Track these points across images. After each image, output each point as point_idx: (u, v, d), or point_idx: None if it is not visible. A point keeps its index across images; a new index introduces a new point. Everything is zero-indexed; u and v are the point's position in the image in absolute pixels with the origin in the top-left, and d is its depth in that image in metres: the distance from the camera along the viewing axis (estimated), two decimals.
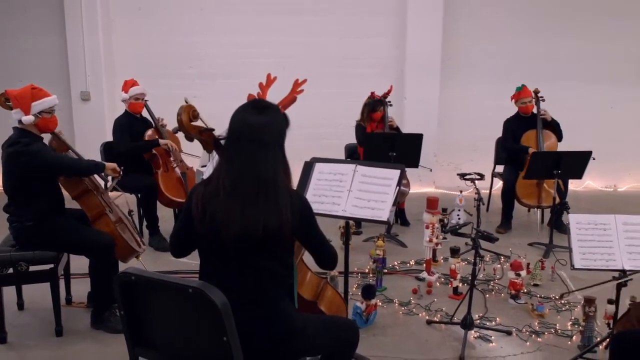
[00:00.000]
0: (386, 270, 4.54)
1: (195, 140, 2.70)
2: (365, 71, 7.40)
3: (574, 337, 3.59)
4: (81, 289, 3.99)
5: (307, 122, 7.20)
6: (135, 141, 5.12)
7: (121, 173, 3.83)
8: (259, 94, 2.88)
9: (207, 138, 2.57)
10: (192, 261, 2.25)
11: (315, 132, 7.28)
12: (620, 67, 7.74)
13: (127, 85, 5.20)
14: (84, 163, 3.63)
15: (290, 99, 3.02)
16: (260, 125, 2.13)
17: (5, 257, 3.38)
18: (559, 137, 5.77)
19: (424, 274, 4.45)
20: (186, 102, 2.85)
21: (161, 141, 5.10)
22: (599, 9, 7.62)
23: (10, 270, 3.38)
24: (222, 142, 2.44)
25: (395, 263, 4.83)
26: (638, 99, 7.77)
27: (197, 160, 5.06)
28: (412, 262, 4.89)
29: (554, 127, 5.75)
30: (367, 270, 4.59)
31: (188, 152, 5.24)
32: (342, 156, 6.18)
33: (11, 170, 3.40)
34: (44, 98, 3.44)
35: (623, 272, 3.07)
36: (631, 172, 8.00)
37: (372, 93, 5.94)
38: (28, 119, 3.38)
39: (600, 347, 3.33)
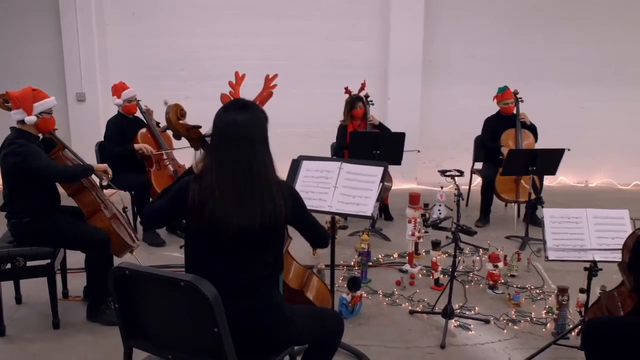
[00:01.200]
0: (371, 263, 4.55)
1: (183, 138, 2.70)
2: (350, 72, 7.37)
3: (548, 325, 3.62)
4: (77, 283, 3.97)
5: (294, 122, 7.27)
6: (129, 141, 5.09)
7: (110, 175, 3.80)
8: (231, 93, 2.86)
9: (194, 135, 2.57)
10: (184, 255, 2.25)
11: (302, 131, 7.31)
12: (591, 69, 7.82)
13: (118, 89, 5.15)
14: (71, 169, 3.56)
15: (266, 95, 3.00)
16: (244, 125, 2.12)
17: (3, 253, 3.36)
18: (536, 138, 5.82)
19: (407, 267, 4.47)
20: (165, 103, 2.82)
21: (137, 147, 5.02)
22: (571, 14, 7.70)
23: (9, 266, 3.37)
24: (208, 139, 2.43)
25: (380, 256, 4.85)
26: (606, 99, 7.85)
27: (189, 158, 5.02)
28: (395, 255, 4.90)
29: (532, 128, 5.81)
30: (352, 263, 4.59)
31: (180, 149, 5.21)
32: (328, 154, 6.17)
33: (8, 169, 3.37)
34: (44, 99, 3.42)
35: (594, 263, 3.12)
36: (601, 168, 8.09)
37: (346, 88, 5.91)
38: (31, 119, 3.36)
39: (573, 333, 3.36)
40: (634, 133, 7.95)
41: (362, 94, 5.91)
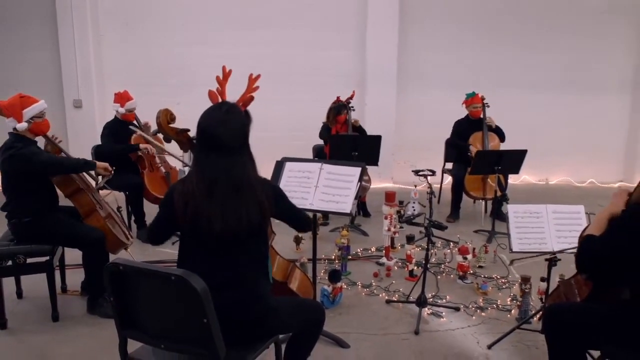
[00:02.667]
0: (350, 257, 4.56)
1: (173, 141, 2.69)
2: (330, 80, 7.41)
3: (512, 311, 3.65)
4: (75, 278, 3.93)
5: (278, 125, 7.26)
6: (122, 143, 5.03)
7: (112, 172, 3.76)
8: (218, 90, 2.82)
9: (183, 138, 2.55)
10: (175, 251, 2.23)
11: (286, 134, 7.29)
12: (551, 76, 7.92)
13: (123, 99, 5.09)
14: (75, 160, 3.53)
15: (249, 97, 2.95)
16: (226, 131, 2.09)
17: (4, 251, 3.33)
18: (502, 139, 5.88)
19: (384, 259, 4.48)
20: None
21: (142, 146, 4.99)
22: (536, 25, 7.79)
23: (10, 263, 3.33)
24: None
25: (358, 250, 4.85)
26: (565, 104, 7.98)
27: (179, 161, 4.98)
28: (373, 249, 4.91)
29: (498, 131, 5.86)
30: (333, 257, 4.59)
31: (171, 153, 5.17)
32: (310, 156, 6.17)
33: (8, 173, 3.33)
34: (32, 105, 3.35)
35: (553, 254, 3.15)
36: (560, 167, 8.20)
37: (338, 97, 5.95)
38: (22, 125, 3.31)
39: (535, 318, 3.41)
40: (589, 135, 8.08)
41: (348, 102, 5.90)
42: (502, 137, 5.87)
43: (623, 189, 2.27)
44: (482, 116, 5.82)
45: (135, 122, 5.22)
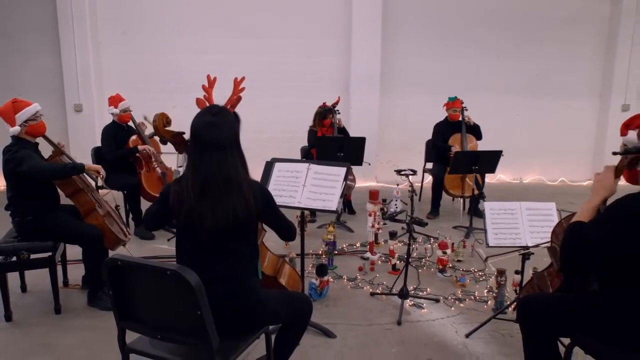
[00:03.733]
0: (336, 252, 4.57)
1: (169, 143, 2.67)
2: (317, 85, 7.43)
3: (489, 302, 3.67)
4: (76, 273, 3.92)
5: (269, 128, 7.26)
6: (121, 146, 5.02)
7: (104, 174, 3.72)
8: (205, 97, 2.81)
9: (178, 141, 2.54)
10: (171, 247, 2.23)
11: (276, 136, 7.28)
12: (524, 82, 8.00)
13: (116, 100, 5.07)
14: (60, 166, 3.42)
15: (236, 98, 2.94)
16: (216, 131, 2.10)
17: (9, 247, 3.33)
18: (479, 137, 5.90)
19: (368, 254, 4.48)
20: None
21: (140, 147, 4.99)
22: (510, 35, 7.85)
23: (14, 258, 3.33)
24: None
25: (344, 245, 4.86)
26: (538, 108, 8.07)
27: (174, 160, 4.96)
28: (358, 244, 4.92)
29: (475, 130, 5.89)
30: (320, 252, 4.60)
31: (166, 152, 5.15)
32: (298, 156, 6.16)
33: (8, 175, 3.33)
34: (25, 108, 3.32)
35: (526, 248, 3.18)
36: (533, 167, 8.27)
37: (324, 103, 5.96)
38: (15, 129, 3.30)
39: (510, 309, 3.43)
40: (560, 137, 8.17)
41: (334, 107, 5.91)
42: (479, 135, 5.91)
43: (608, 167, 2.15)
44: (460, 119, 5.86)
45: (132, 122, 5.20)
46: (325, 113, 5.81)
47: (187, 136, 2.52)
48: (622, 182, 2.17)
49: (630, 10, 7.79)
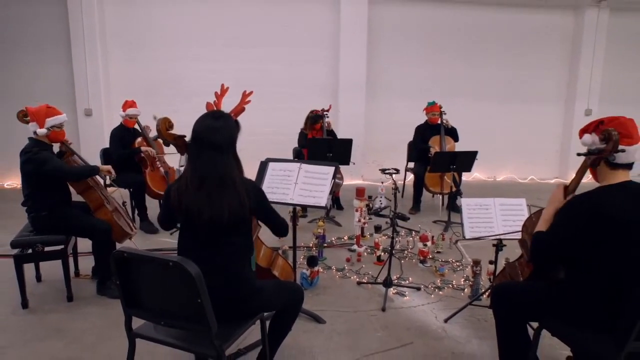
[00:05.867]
0: (326, 245, 4.56)
1: (171, 145, 2.66)
2: (308, 91, 7.43)
3: (465, 290, 3.69)
4: (87, 264, 3.91)
5: (263, 130, 7.25)
6: (126, 147, 5.02)
7: (114, 174, 3.72)
8: (215, 102, 2.81)
9: (180, 143, 2.53)
10: (173, 240, 2.23)
11: (269, 138, 7.27)
12: (497, 87, 8.06)
13: (127, 105, 5.11)
14: (79, 169, 3.49)
15: (241, 109, 2.96)
16: (215, 133, 2.10)
17: (25, 241, 3.33)
18: (457, 139, 5.93)
19: (355, 247, 4.50)
20: (154, 118, 2.78)
21: (143, 149, 4.99)
22: (482, 43, 7.91)
23: (30, 251, 3.33)
24: None
25: (333, 239, 4.86)
26: (509, 112, 8.14)
27: (176, 160, 4.94)
28: (345, 238, 4.92)
29: (453, 133, 5.92)
30: (311, 245, 4.60)
31: (169, 153, 5.13)
32: (290, 157, 6.16)
33: (26, 173, 3.31)
34: (56, 115, 3.38)
35: (499, 240, 3.21)
36: (506, 166, 8.34)
37: (315, 110, 5.95)
38: (42, 131, 3.31)
39: (484, 296, 3.45)
40: (530, 139, 8.25)
41: (324, 113, 5.90)
42: (456, 137, 5.93)
43: (559, 184, 2.29)
44: (439, 122, 5.88)
45: (137, 127, 5.19)
46: (316, 119, 5.82)
47: (187, 139, 2.52)
48: (588, 179, 2.20)
49: (592, 23, 7.90)
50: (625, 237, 1.95)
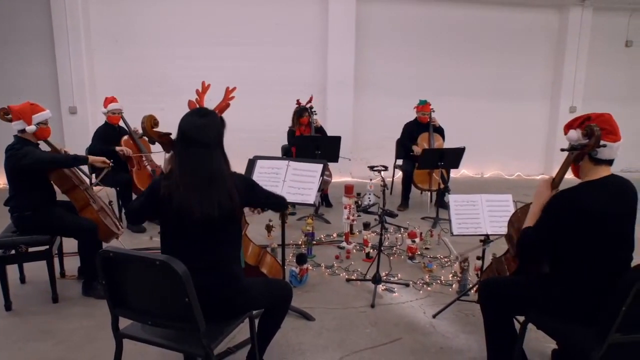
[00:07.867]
0: (315, 242, 4.56)
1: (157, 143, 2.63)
2: (296, 88, 7.35)
3: (453, 285, 3.72)
4: (72, 264, 3.85)
5: (251, 128, 7.21)
6: (110, 145, 4.88)
7: (110, 164, 3.66)
8: (197, 100, 2.78)
9: (165, 141, 2.50)
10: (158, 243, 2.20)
11: (258, 136, 7.21)
12: (484, 85, 8.10)
13: (107, 101, 5.03)
14: (63, 156, 3.41)
15: (225, 105, 2.93)
16: (202, 130, 2.08)
17: (8, 241, 3.26)
18: (443, 139, 5.97)
19: (344, 244, 4.49)
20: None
21: (117, 148, 4.84)
22: (469, 42, 7.94)
23: (13, 251, 3.27)
24: None
25: (322, 236, 4.86)
26: (496, 109, 8.19)
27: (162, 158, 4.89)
28: (334, 235, 4.92)
29: (440, 133, 5.95)
30: (300, 242, 4.59)
31: (156, 151, 5.08)
32: (279, 154, 6.14)
33: (9, 171, 3.26)
34: (40, 112, 3.33)
35: (487, 236, 3.23)
36: (492, 163, 8.40)
37: (298, 101, 5.94)
38: (31, 128, 3.27)
39: (472, 291, 3.48)
40: (516, 136, 8.32)
41: (308, 105, 5.91)
42: (443, 137, 5.97)
43: (545, 178, 2.31)
44: (428, 120, 5.90)
45: (123, 124, 5.11)
46: (301, 112, 5.80)
47: (173, 136, 2.49)
48: (570, 175, 2.23)
49: (576, 22, 7.99)
50: (605, 230, 1.99)
